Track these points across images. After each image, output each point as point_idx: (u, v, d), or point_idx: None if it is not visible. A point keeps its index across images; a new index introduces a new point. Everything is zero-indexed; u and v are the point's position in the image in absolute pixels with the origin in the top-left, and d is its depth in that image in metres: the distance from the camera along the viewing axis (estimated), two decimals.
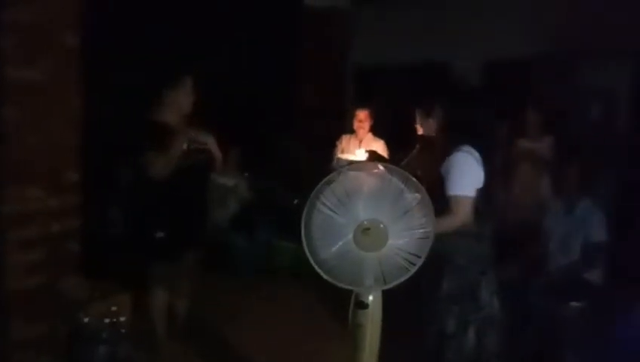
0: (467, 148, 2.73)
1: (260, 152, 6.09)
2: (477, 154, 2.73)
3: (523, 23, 6.26)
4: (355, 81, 6.88)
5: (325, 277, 2.34)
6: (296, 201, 6.20)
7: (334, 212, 2.27)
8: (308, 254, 2.30)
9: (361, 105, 4.98)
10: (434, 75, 7.01)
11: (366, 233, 2.24)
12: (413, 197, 2.26)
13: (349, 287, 2.40)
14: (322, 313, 4.38)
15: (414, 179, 2.26)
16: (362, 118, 4.84)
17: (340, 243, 2.26)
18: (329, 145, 5.06)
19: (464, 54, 6.73)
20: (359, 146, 4.76)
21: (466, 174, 2.68)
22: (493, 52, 6.46)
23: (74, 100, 3.51)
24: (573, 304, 3.77)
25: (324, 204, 2.27)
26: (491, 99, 3.64)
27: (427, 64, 6.85)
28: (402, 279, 2.36)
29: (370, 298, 2.44)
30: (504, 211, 4.99)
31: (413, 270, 2.33)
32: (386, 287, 2.39)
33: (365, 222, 2.25)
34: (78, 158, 3.55)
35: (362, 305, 2.42)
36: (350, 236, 2.25)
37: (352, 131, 4.95)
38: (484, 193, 2.74)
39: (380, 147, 4.73)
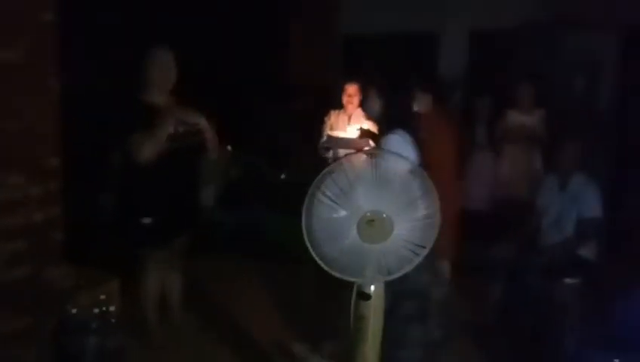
0: (399, 131, 2.73)
1: (243, 125, 5.93)
2: (408, 137, 2.74)
3: None
4: (345, 52, 6.69)
5: (327, 269, 2.25)
6: (282, 176, 6.08)
7: (336, 203, 2.17)
8: (309, 247, 2.21)
9: (350, 78, 4.77)
10: (420, 47, 6.91)
11: (370, 225, 2.16)
12: (418, 185, 2.17)
13: (352, 279, 2.32)
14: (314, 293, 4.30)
15: (419, 166, 2.16)
16: (351, 93, 4.63)
17: (344, 237, 2.16)
18: (317, 121, 4.91)
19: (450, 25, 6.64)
20: (348, 122, 4.61)
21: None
22: (480, 22, 6.37)
23: (52, 82, 3.32)
24: (568, 281, 3.75)
25: (325, 195, 2.17)
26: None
27: (413, 35, 6.74)
28: (406, 269, 2.29)
29: (372, 288, 2.37)
30: (495, 188, 4.96)
31: (418, 260, 2.26)
32: (389, 278, 2.31)
33: (369, 214, 2.16)
34: (58, 143, 3.38)
35: (364, 296, 2.35)
36: (354, 229, 2.16)
37: (340, 106, 4.77)
38: None
39: (370, 123, 4.60)
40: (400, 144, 2.68)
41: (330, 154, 4.51)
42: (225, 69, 5.91)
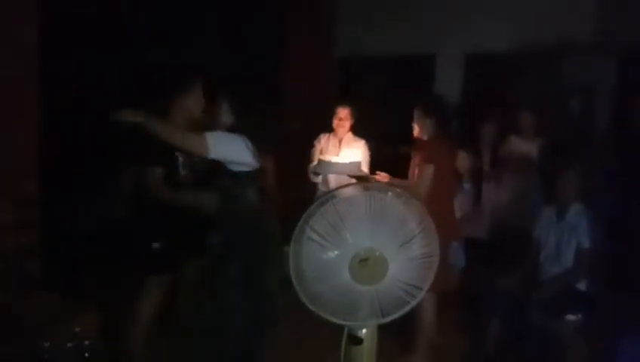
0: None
1: None
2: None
3: (508, 17, 6.08)
4: (340, 74, 6.57)
5: (316, 311, 2.07)
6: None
7: (326, 240, 2.00)
8: (297, 288, 2.03)
9: (342, 102, 4.62)
10: (420, 69, 6.82)
11: (363, 264, 1.99)
12: (416, 222, 2.00)
13: (343, 322, 2.14)
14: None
15: (417, 201, 1.99)
16: (342, 117, 4.47)
17: (334, 277, 1.99)
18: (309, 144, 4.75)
19: (448, 48, 6.56)
20: (339, 146, 4.45)
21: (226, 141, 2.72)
22: (477, 46, 6.30)
23: (32, 102, 3.16)
24: (570, 317, 3.58)
25: (314, 230, 2.00)
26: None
27: (412, 57, 6.66)
28: (401, 312, 2.11)
29: (364, 331, 2.19)
30: (493, 216, 4.81)
31: (414, 302, 2.09)
32: (383, 321, 2.14)
33: (362, 253, 1.99)
34: (37, 167, 3.21)
35: (356, 341, 2.17)
36: (346, 269, 1.99)
37: (331, 130, 4.61)
38: None
39: (360, 147, 4.42)
40: (234, 138, 2.69)
41: (320, 179, 4.35)
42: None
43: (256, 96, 3.07)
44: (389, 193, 2.01)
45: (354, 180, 4.11)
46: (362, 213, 1.99)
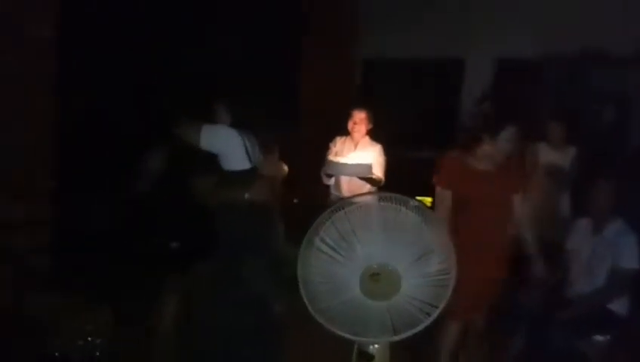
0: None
1: None
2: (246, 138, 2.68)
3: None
4: (360, 77, 6.47)
5: (326, 325, 1.97)
6: (295, 201, 5.82)
7: (337, 252, 1.89)
8: (306, 301, 1.93)
9: (358, 105, 4.46)
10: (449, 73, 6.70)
11: (375, 279, 1.87)
12: (433, 236, 1.88)
13: (352, 338, 2.03)
14: None
15: (434, 214, 1.87)
16: (357, 121, 4.34)
17: (345, 291, 1.88)
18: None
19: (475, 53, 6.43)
20: (354, 150, 4.31)
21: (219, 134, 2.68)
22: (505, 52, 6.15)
23: (47, 100, 3.13)
24: (598, 338, 3.40)
25: (324, 242, 1.90)
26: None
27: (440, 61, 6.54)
28: (415, 330, 1.99)
29: (376, 346, 2.08)
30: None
31: (428, 321, 1.97)
32: (395, 338, 2.02)
33: (375, 266, 1.87)
34: (51, 163, 3.18)
35: (367, 357, 2.06)
36: (356, 283, 1.87)
37: (347, 133, 4.46)
38: None
39: (376, 152, 4.21)
40: (232, 136, 2.64)
41: (332, 181, 4.23)
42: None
43: (258, 96, 3.03)
44: (406, 204, 1.90)
45: (364, 182, 3.99)
46: (375, 224, 1.87)
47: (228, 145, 2.74)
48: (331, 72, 6.00)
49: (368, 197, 1.98)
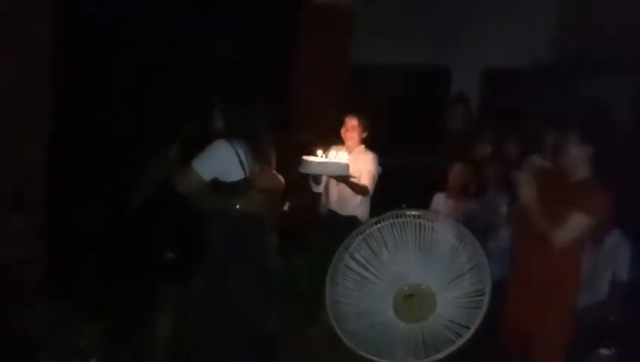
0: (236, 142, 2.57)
1: None
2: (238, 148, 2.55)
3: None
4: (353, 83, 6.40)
5: (353, 348, 1.88)
6: (286, 208, 5.69)
7: (367, 270, 1.81)
8: (333, 321, 1.83)
9: (351, 112, 4.29)
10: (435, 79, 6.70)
11: (408, 301, 1.79)
12: (468, 257, 1.81)
13: (381, 360, 1.95)
14: None
15: (470, 235, 1.80)
16: (350, 128, 4.21)
17: (375, 313, 1.79)
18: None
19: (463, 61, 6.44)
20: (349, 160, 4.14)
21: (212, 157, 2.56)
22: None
23: (40, 103, 2.98)
24: (603, 351, 3.38)
25: (354, 259, 1.81)
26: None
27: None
28: (446, 352, 1.92)
29: None
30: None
31: (460, 342, 1.90)
32: None
33: (406, 288, 1.79)
34: (43, 172, 3.02)
35: None
36: (389, 305, 1.79)
37: (343, 142, 4.30)
38: None
39: (368, 161, 4.05)
40: (220, 150, 2.54)
41: (321, 189, 4.08)
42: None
43: (253, 102, 2.95)
44: (441, 223, 1.83)
45: (354, 193, 3.89)
46: (411, 242, 1.79)
47: (222, 164, 2.63)
48: (323, 78, 5.91)
49: (402, 215, 1.89)
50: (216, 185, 2.64)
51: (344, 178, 3.73)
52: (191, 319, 3.03)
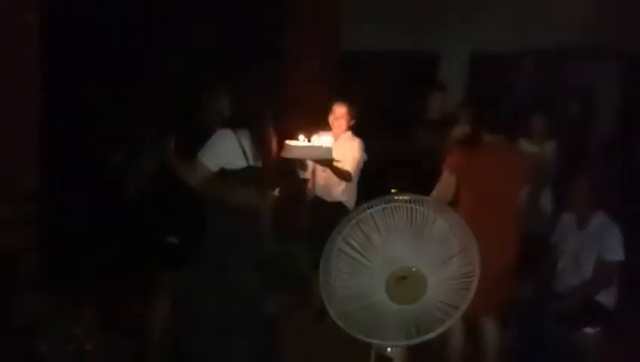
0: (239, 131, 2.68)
1: None
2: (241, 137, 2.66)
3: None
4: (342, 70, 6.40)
5: (347, 329, 1.93)
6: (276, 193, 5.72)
7: (361, 254, 1.86)
8: (327, 305, 1.89)
9: (340, 99, 4.19)
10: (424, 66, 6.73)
11: (401, 282, 1.85)
12: (458, 240, 1.86)
13: (374, 341, 2.01)
14: None
15: (460, 218, 1.85)
16: (338, 115, 4.13)
17: (369, 295, 1.85)
18: None
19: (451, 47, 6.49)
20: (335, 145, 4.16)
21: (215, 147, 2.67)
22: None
23: (30, 91, 2.98)
24: (588, 330, 3.47)
25: (348, 244, 1.86)
26: None
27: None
28: (437, 333, 1.98)
29: (390, 350, 2.05)
30: None
31: (450, 322, 1.96)
32: (416, 341, 2.00)
33: (399, 270, 1.85)
34: (36, 160, 3.03)
35: (385, 360, 2.04)
36: (382, 288, 1.85)
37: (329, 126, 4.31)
38: None
39: (354, 147, 4.04)
40: (224, 140, 2.64)
41: (308, 174, 4.11)
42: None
43: (252, 89, 2.97)
44: (431, 207, 1.87)
45: (340, 180, 3.91)
46: (403, 227, 1.84)
47: (226, 153, 2.71)
48: (312, 64, 5.91)
49: (393, 199, 1.94)
50: (224, 174, 2.70)
51: (327, 162, 3.76)
52: (188, 305, 3.07)
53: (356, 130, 4.23)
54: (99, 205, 3.56)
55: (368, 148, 4.18)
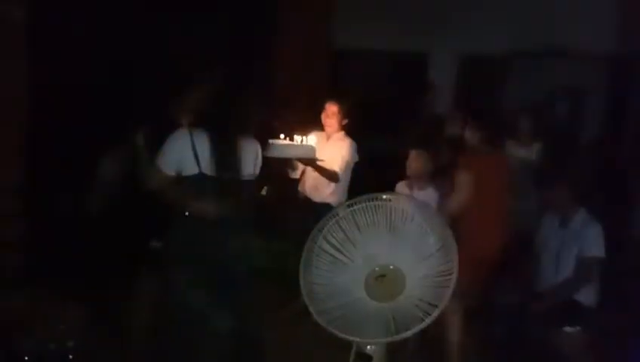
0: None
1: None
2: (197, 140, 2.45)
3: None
4: (334, 68, 6.41)
5: (326, 327, 1.96)
6: (263, 192, 5.74)
7: (340, 252, 1.88)
8: (307, 302, 1.91)
9: (332, 97, 4.15)
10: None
11: (380, 280, 1.87)
12: (437, 238, 1.89)
13: (353, 339, 2.03)
14: None
15: (439, 217, 1.88)
16: (330, 114, 4.06)
17: (348, 293, 1.87)
18: None
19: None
20: (326, 144, 4.05)
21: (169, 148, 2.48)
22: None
23: (16, 87, 2.97)
24: (568, 329, 3.51)
25: (328, 242, 1.88)
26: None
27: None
28: (416, 330, 2.00)
29: (371, 347, 2.08)
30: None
31: (429, 320, 1.98)
32: (395, 338, 2.02)
33: (377, 269, 1.87)
34: (19, 157, 3.02)
35: (365, 358, 2.06)
36: (361, 286, 1.87)
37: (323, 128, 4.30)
38: None
39: (344, 147, 4.01)
40: (176, 142, 2.47)
41: (298, 174, 4.10)
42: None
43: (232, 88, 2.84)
44: (411, 205, 1.90)
45: (328, 181, 3.91)
46: (382, 224, 1.87)
47: (177, 156, 2.48)
48: (304, 63, 5.92)
49: (374, 198, 1.96)
50: (180, 179, 2.46)
51: (311, 161, 3.76)
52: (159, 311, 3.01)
53: (348, 130, 4.22)
54: (83, 203, 3.55)
55: (362, 148, 4.18)
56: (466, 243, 2.30)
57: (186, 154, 2.45)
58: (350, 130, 4.20)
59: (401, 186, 3.68)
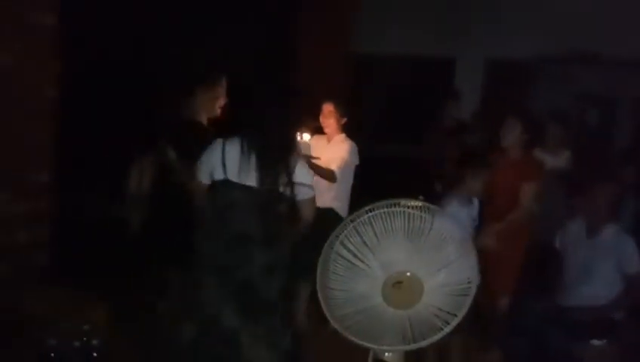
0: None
1: None
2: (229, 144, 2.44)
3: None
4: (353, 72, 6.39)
5: (343, 332, 1.95)
6: None
7: (357, 258, 1.87)
8: (324, 308, 1.90)
9: (328, 98, 4.03)
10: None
11: (397, 287, 1.86)
12: (456, 246, 1.86)
13: (369, 346, 2.01)
14: None
15: (456, 224, 1.86)
16: (326, 114, 3.94)
17: (365, 299, 1.86)
18: None
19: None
20: (326, 145, 3.99)
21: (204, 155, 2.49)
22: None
23: (46, 90, 3.04)
24: (594, 342, 3.43)
25: (345, 247, 1.87)
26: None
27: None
28: (434, 339, 1.98)
29: (388, 354, 2.06)
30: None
31: (448, 329, 1.96)
32: (412, 347, 2.00)
33: (397, 274, 1.86)
34: (49, 157, 3.09)
35: None
36: (378, 292, 1.85)
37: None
38: None
39: (344, 148, 3.89)
40: (211, 149, 2.49)
41: None
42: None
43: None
44: (431, 212, 1.88)
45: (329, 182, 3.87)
46: (400, 231, 1.85)
47: (209, 161, 2.49)
48: (324, 68, 5.90)
49: (392, 205, 1.95)
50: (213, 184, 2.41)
51: (305, 159, 3.71)
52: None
53: (358, 133, 4.15)
54: (111, 204, 3.60)
55: (379, 152, 4.12)
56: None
57: (216, 158, 2.47)
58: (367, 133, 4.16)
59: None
